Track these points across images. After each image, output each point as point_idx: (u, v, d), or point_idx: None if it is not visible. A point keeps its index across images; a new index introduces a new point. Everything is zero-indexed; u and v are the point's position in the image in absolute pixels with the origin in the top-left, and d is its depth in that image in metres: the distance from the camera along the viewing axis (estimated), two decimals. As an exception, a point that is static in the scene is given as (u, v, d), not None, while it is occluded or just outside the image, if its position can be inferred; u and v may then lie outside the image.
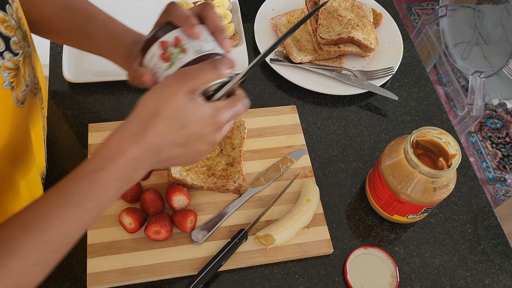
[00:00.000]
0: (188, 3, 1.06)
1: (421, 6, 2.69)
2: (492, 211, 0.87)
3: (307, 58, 1.01)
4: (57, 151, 0.86)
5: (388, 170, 0.76)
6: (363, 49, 1.03)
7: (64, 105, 0.92)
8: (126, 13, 1.06)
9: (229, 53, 0.63)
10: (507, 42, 1.80)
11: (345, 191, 0.87)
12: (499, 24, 1.85)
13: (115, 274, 0.72)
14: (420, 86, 1.04)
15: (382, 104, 1.00)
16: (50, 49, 1.00)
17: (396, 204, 0.78)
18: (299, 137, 0.90)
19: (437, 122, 0.98)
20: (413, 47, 1.10)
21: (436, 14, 1.88)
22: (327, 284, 0.77)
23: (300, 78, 0.99)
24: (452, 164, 0.72)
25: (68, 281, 0.73)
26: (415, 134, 0.74)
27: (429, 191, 0.73)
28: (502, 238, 0.85)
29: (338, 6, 1.05)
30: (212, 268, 0.72)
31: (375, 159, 0.91)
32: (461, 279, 0.79)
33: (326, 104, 0.98)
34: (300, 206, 0.79)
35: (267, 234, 0.75)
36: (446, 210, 0.86)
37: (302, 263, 0.78)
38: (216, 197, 0.81)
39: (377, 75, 1.01)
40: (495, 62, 1.77)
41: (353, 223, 0.83)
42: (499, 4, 1.89)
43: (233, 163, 0.84)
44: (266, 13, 1.09)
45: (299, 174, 0.86)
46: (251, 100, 0.96)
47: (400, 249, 0.81)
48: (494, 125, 2.26)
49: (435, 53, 1.93)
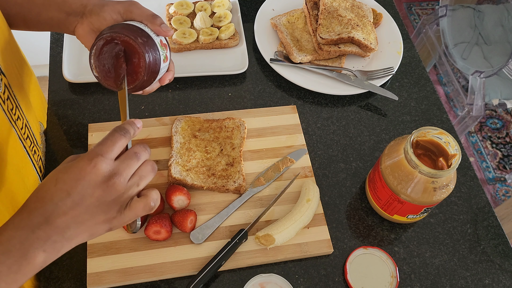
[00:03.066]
0: (188, 3, 1.06)
1: (421, 6, 2.69)
2: (492, 211, 0.87)
3: (307, 58, 1.01)
4: (57, 151, 0.86)
5: (388, 170, 0.76)
6: (363, 49, 1.03)
7: (64, 105, 0.92)
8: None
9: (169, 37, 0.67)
10: (507, 42, 1.80)
11: (345, 191, 0.87)
12: (499, 24, 1.85)
13: (115, 274, 0.72)
14: (420, 86, 1.04)
15: (382, 104, 1.00)
16: (50, 49, 1.00)
17: (396, 204, 0.78)
18: (299, 137, 0.90)
19: (437, 122, 0.98)
20: (413, 47, 1.10)
21: (436, 14, 1.88)
22: (327, 284, 0.77)
23: (300, 78, 0.99)
24: (452, 164, 0.72)
25: (68, 281, 0.73)
26: (415, 134, 0.74)
27: (429, 191, 0.73)
28: (502, 238, 0.85)
29: (338, 6, 1.05)
30: (212, 268, 0.72)
31: (375, 159, 0.91)
32: (461, 279, 0.79)
33: (326, 104, 0.98)
34: (300, 206, 0.79)
35: (267, 234, 0.75)
36: (446, 210, 0.86)
37: (302, 263, 0.78)
38: (216, 197, 0.81)
39: (377, 75, 1.01)
40: (495, 62, 1.77)
41: (353, 223, 0.83)
42: (499, 4, 1.89)
43: (233, 163, 0.84)
44: (266, 13, 1.09)
45: (299, 174, 0.86)
46: (251, 100, 0.97)
47: (400, 249, 0.81)
48: (494, 125, 2.26)
49: (435, 53, 1.93)
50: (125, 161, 0.55)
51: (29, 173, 0.74)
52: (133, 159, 0.56)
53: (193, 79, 0.99)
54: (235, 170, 0.83)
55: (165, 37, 0.70)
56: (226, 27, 1.03)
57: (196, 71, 0.97)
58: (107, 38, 0.62)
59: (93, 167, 0.53)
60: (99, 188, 0.53)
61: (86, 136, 0.87)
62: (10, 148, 0.67)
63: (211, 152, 0.85)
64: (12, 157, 0.67)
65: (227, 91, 0.97)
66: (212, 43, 1.02)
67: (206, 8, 1.06)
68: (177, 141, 0.85)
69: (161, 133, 0.87)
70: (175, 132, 0.86)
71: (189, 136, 0.86)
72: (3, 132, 0.64)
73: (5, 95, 0.64)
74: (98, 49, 0.63)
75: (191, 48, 1.01)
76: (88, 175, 0.53)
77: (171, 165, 0.81)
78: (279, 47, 1.04)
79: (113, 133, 0.56)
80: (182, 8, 1.05)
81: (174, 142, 0.84)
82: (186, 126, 0.87)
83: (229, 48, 1.03)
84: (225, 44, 1.02)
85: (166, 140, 0.87)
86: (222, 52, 1.03)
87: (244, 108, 0.94)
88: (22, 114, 0.72)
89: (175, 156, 0.82)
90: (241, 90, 0.98)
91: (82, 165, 0.53)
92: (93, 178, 0.53)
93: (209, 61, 1.01)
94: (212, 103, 0.95)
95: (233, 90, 0.98)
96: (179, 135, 0.86)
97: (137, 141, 0.85)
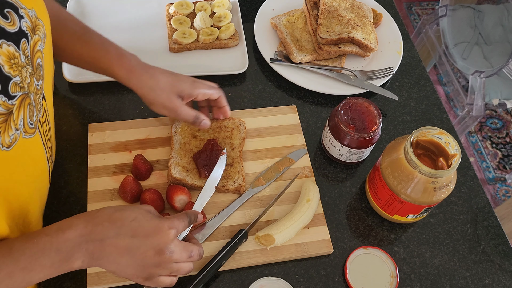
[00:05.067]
0: (188, 3, 1.06)
1: (421, 6, 2.69)
2: (492, 211, 0.87)
3: (307, 58, 1.01)
4: (57, 151, 0.86)
5: (388, 170, 0.76)
6: (363, 49, 1.03)
7: (64, 105, 0.92)
8: (126, 13, 1.06)
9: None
10: (507, 42, 1.80)
11: (345, 191, 0.87)
12: (499, 24, 1.85)
13: (115, 274, 0.72)
14: (420, 86, 1.04)
15: (382, 104, 1.00)
16: (50, 49, 1.00)
17: (396, 204, 0.78)
18: (299, 137, 0.90)
19: (437, 122, 0.98)
20: (413, 47, 1.10)
21: (436, 14, 1.88)
22: (327, 284, 0.77)
23: (300, 78, 0.99)
24: (452, 164, 0.72)
25: (68, 281, 0.73)
26: (415, 134, 0.74)
27: (429, 191, 0.73)
28: (502, 238, 0.85)
29: (338, 6, 1.05)
30: (212, 268, 0.72)
31: (375, 159, 0.91)
32: (461, 279, 0.79)
33: (326, 104, 0.98)
34: (300, 206, 0.79)
35: (267, 234, 0.75)
36: (446, 210, 0.86)
37: (302, 263, 0.78)
38: (216, 197, 0.81)
39: (377, 75, 1.01)
40: (495, 62, 1.77)
41: (353, 223, 0.83)
42: (499, 4, 1.89)
43: (233, 163, 0.84)
44: (266, 13, 1.09)
45: (299, 174, 0.86)
46: (251, 100, 0.97)
47: (400, 249, 0.81)
48: (494, 125, 2.26)
49: (435, 53, 1.93)
50: (184, 250, 0.63)
51: (44, 188, 0.73)
52: (188, 253, 0.64)
53: (193, 79, 0.99)
54: (234, 170, 0.83)
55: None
56: (226, 27, 1.03)
57: (196, 71, 0.97)
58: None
59: (166, 234, 0.61)
60: (154, 252, 0.60)
61: (86, 136, 0.87)
62: (38, 170, 0.66)
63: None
64: (37, 181, 0.67)
65: (227, 91, 0.97)
66: (212, 43, 1.02)
67: (206, 8, 1.06)
68: (177, 141, 0.85)
69: (161, 133, 0.87)
70: (175, 132, 0.86)
71: (189, 136, 0.86)
72: (38, 155, 0.65)
73: (43, 118, 0.66)
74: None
75: (191, 48, 1.01)
76: (157, 237, 0.61)
77: (171, 165, 0.81)
78: (279, 47, 1.04)
79: (186, 217, 0.66)
80: (182, 8, 1.05)
81: (174, 143, 0.84)
82: (186, 126, 0.87)
83: (229, 48, 1.03)
84: (225, 44, 1.02)
85: (166, 140, 0.87)
86: (222, 52, 1.03)
87: (244, 108, 0.94)
88: (50, 134, 0.71)
89: (175, 157, 0.82)
90: (241, 90, 0.98)
91: (161, 225, 0.61)
92: (157, 242, 0.60)
93: (209, 61, 1.01)
94: (212, 103, 0.95)
95: (233, 90, 0.98)
96: (179, 135, 0.86)
97: (137, 141, 0.86)
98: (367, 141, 0.82)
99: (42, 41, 0.61)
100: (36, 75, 0.60)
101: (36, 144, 0.63)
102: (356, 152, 0.84)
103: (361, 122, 0.82)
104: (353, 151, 0.84)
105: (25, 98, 0.56)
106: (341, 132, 0.82)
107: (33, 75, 0.59)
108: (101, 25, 1.03)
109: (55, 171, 0.82)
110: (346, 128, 0.81)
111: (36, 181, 0.66)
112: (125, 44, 1.08)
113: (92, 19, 1.04)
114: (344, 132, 0.81)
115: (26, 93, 0.56)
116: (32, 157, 0.63)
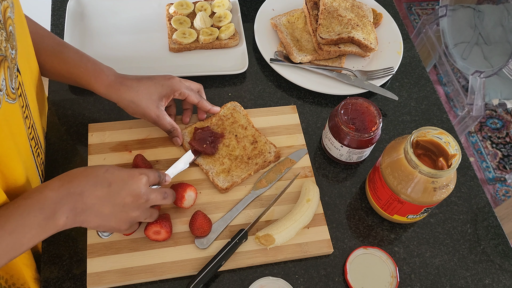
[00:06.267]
0: (188, 3, 1.06)
1: (421, 6, 2.69)
2: (492, 211, 0.87)
3: (307, 58, 1.01)
4: (57, 151, 0.86)
5: (388, 170, 0.76)
6: (363, 49, 1.03)
7: (64, 105, 0.92)
8: (126, 13, 1.06)
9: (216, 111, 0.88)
10: (507, 42, 1.80)
11: (345, 191, 0.87)
12: (499, 24, 1.85)
13: (115, 274, 0.72)
14: (420, 86, 1.04)
15: (382, 104, 1.00)
16: (50, 49, 1.00)
17: (396, 204, 0.78)
18: (299, 137, 0.90)
19: (437, 122, 0.98)
20: (413, 47, 1.10)
21: (436, 14, 1.88)
22: (327, 284, 0.77)
23: (300, 78, 0.99)
24: (452, 164, 0.72)
25: (68, 281, 0.73)
26: (415, 134, 0.74)
27: (429, 191, 0.73)
28: (502, 238, 0.85)
29: (338, 6, 1.05)
30: (212, 268, 0.72)
31: (375, 159, 0.91)
32: (461, 279, 0.79)
33: (326, 104, 0.98)
34: (300, 206, 0.79)
35: (267, 234, 0.75)
36: (446, 210, 0.86)
37: (302, 263, 0.78)
38: (217, 197, 0.81)
39: (377, 75, 1.01)
40: (495, 62, 1.77)
41: (353, 223, 0.83)
42: (499, 4, 1.89)
43: (256, 139, 0.86)
44: (266, 13, 1.09)
45: (299, 174, 0.86)
46: (251, 100, 0.97)
47: (400, 249, 0.81)
48: (494, 125, 2.26)
49: (435, 53, 1.93)
50: (158, 191, 0.69)
51: (32, 174, 0.74)
52: (162, 194, 0.69)
53: (193, 79, 0.98)
54: (262, 142, 0.86)
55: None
56: (226, 27, 1.03)
57: (196, 71, 0.97)
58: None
59: (139, 179, 0.66)
60: (131, 197, 0.65)
61: (86, 136, 0.87)
62: (20, 144, 0.68)
63: (230, 144, 0.85)
64: (21, 153, 0.68)
65: (227, 91, 0.97)
66: (212, 43, 1.02)
67: (206, 8, 1.06)
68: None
69: (161, 133, 0.87)
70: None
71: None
72: (17, 126, 0.66)
73: (19, 91, 0.66)
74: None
75: (191, 48, 1.01)
76: (131, 182, 0.65)
77: (214, 179, 0.81)
78: (279, 47, 1.04)
79: (156, 171, 0.70)
80: (182, 8, 1.05)
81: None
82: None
83: (229, 48, 1.03)
84: (225, 44, 1.02)
85: (166, 140, 0.87)
86: (222, 52, 1.03)
87: (244, 108, 0.94)
88: (30, 114, 0.73)
89: (211, 170, 0.82)
90: (241, 90, 0.98)
91: (133, 172, 0.66)
92: (133, 187, 0.65)
93: (209, 61, 1.01)
94: (212, 103, 0.95)
95: (233, 90, 0.98)
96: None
97: (137, 141, 0.86)
98: (367, 141, 0.82)
99: (11, 9, 0.63)
100: (10, 43, 0.61)
101: (16, 115, 0.65)
102: (356, 152, 0.84)
103: (361, 122, 0.82)
104: (353, 151, 0.84)
105: (3, 60, 0.58)
106: (341, 132, 0.82)
107: (7, 41, 0.60)
108: (101, 25, 1.03)
109: (55, 172, 0.82)
110: (346, 128, 0.81)
111: (20, 155, 0.67)
112: (125, 44, 1.08)
113: (92, 19, 1.04)
114: (344, 132, 0.81)
115: (4, 55, 0.58)
116: (12, 129, 0.63)
